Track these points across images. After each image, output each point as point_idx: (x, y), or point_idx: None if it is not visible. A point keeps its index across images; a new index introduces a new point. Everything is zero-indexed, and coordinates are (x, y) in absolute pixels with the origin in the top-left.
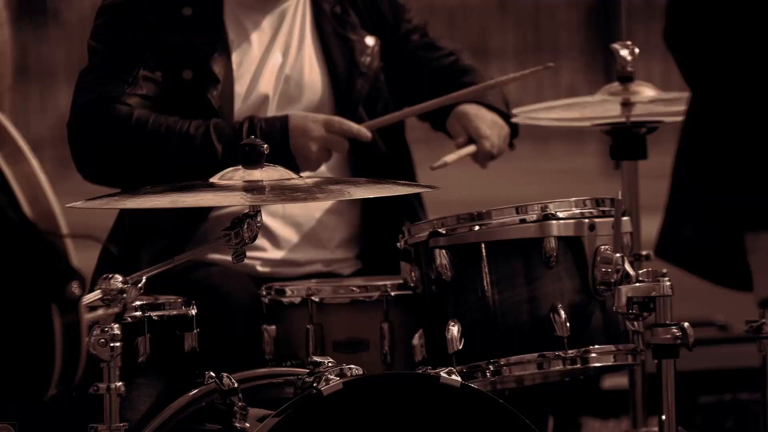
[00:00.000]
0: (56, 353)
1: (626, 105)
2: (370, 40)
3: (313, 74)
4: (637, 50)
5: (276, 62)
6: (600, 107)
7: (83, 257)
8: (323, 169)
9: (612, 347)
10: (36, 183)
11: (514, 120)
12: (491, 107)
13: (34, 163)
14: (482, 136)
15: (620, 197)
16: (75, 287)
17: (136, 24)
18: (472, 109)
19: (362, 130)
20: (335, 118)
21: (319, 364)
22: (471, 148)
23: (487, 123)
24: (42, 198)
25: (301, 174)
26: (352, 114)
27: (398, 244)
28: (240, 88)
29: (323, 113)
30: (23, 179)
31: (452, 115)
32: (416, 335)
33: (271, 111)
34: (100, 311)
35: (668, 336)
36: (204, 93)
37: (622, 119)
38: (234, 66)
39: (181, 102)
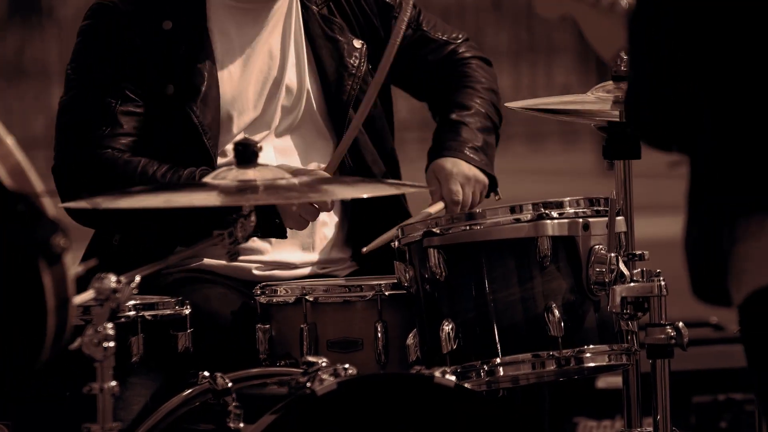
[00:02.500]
0: (48, 310)
1: (618, 103)
2: (357, 43)
3: (302, 77)
4: None
5: (264, 67)
6: (594, 105)
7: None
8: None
9: (606, 347)
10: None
11: (512, 104)
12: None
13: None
14: (453, 201)
15: (614, 197)
16: (60, 239)
17: (116, 46)
18: (448, 164)
19: (322, 204)
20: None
21: (313, 363)
22: (439, 206)
23: (463, 177)
24: (14, 162)
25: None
26: (342, 116)
27: (392, 244)
28: (227, 95)
29: (314, 116)
30: None
31: (430, 170)
32: (410, 335)
33: (259, 115)
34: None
35: (662, 336)
36: (185, 107)
37: (616, 112)
38: (219, 74)
39: (165, 119)
